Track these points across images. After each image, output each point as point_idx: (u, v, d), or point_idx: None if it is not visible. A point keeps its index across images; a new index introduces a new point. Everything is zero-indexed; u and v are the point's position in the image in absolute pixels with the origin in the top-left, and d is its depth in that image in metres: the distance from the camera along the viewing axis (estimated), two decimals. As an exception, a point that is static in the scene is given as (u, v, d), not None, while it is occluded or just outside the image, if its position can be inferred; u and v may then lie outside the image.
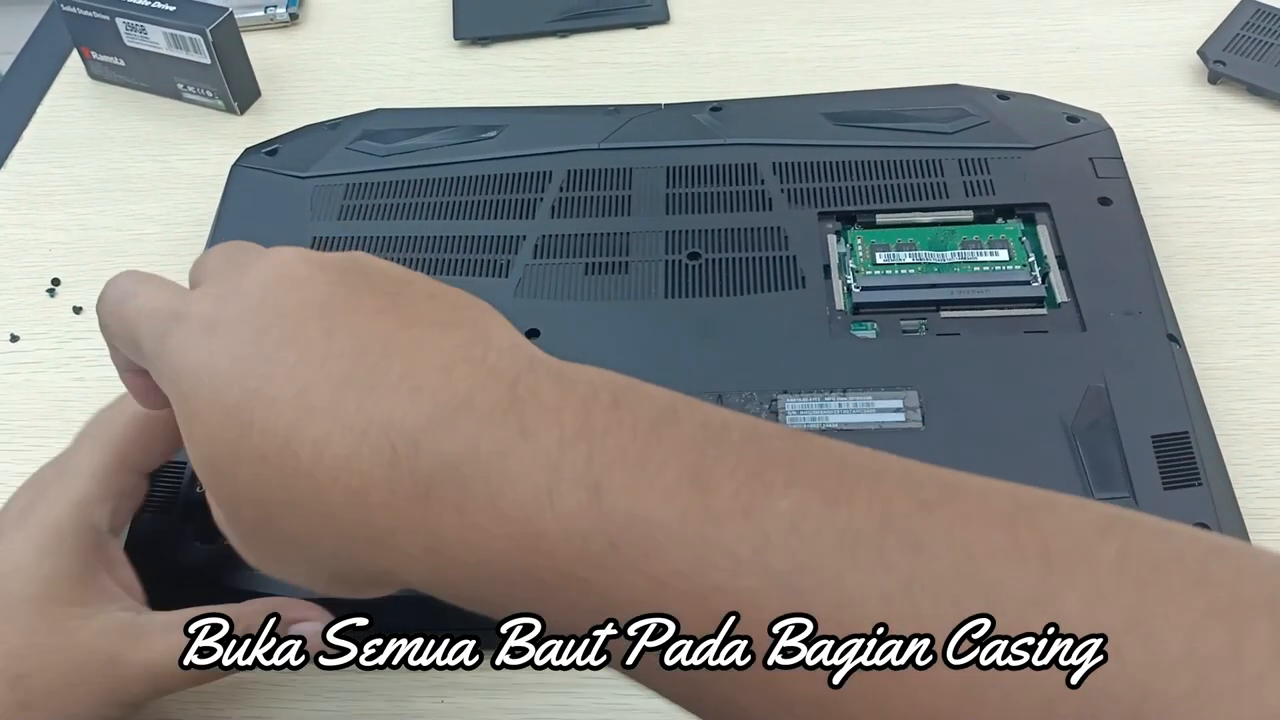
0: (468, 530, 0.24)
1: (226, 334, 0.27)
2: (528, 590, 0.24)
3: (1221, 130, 0.57)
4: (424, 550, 0.25)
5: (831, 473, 0.23)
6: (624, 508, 0.23)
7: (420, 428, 0.25)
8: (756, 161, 0.53)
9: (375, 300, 0.27)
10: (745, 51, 0.64)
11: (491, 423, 0.24)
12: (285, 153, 0.56)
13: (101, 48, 0.64)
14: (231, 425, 0.26)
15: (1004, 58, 0.62)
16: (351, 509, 0.25)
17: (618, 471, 0.23)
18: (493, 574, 0.24)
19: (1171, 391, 0.43)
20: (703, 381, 0.45)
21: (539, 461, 0.24)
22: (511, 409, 0.25)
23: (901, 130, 0.53)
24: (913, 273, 0.48)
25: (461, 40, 0.66)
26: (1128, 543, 0.22)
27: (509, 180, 0.53)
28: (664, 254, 0.50)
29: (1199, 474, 0.40)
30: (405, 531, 0.25)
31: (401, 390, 0.25)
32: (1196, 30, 0.61)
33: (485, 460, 0.24)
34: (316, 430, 0.25)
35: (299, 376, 0.26)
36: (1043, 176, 0.51)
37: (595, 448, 0.24)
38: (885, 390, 0.44)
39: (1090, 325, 0.45)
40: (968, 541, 0.22)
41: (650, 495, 0.23)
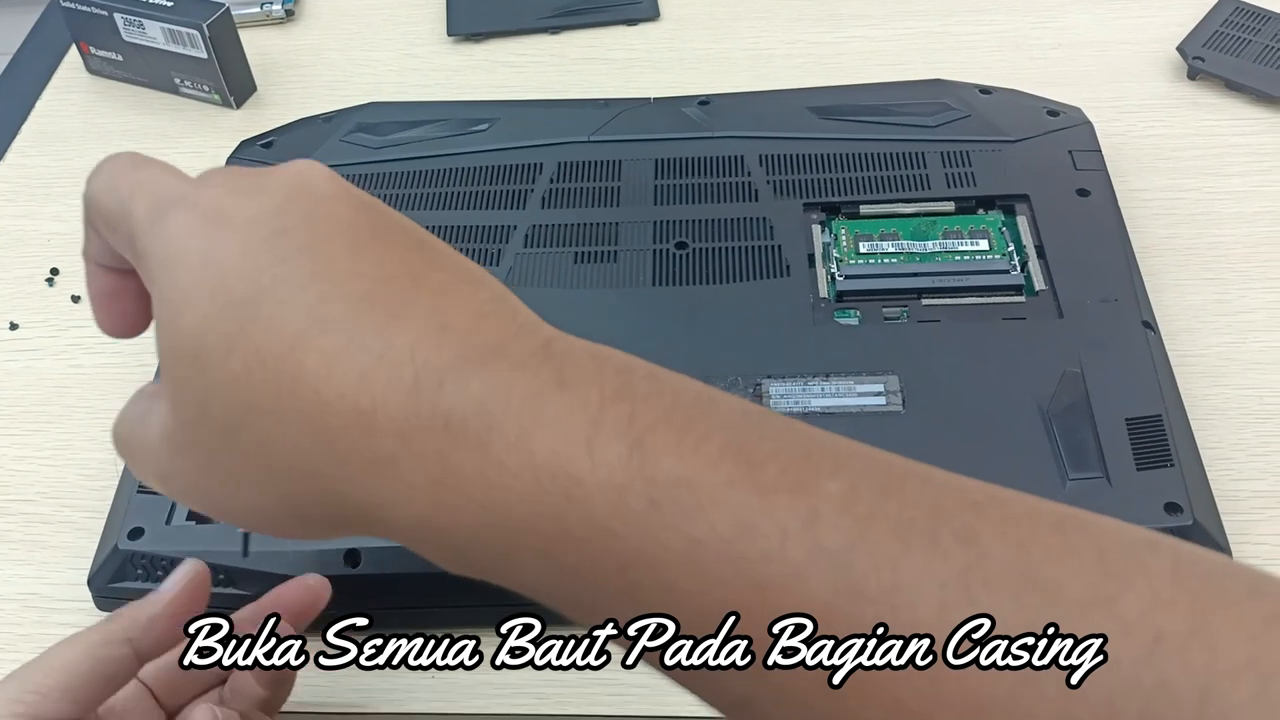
0: (490, 467, 0.23)
1: (241, 228, 0.25)
2: (541, 539, 0.23)
3: (1200, 125, 0.58)
4: (429, 481, 0.23)
5: (878, 467, 0.23)
6: (667, 467, 0.22)
7: (447, 362, 0.23)
8: (743, 154, 0.54)
9: (403, 238, 0.26)
10: (733, 48, 0.65)
11: (527, 370, 0.23)
12: (280, 145, 0.57)
13: (100, 43, 0.65)
14: (231, 319, 0.24)
15: (988, 54, 0.63)
16: (353, 429, 0.23)
17: (661, 433, 0.22)
18: (505, 517, 0.23)
19: (1145, 376, 0.44)
20: (689, 366, 0.45)
21: (578, 412, 0.23)
22: (548, 361, 0.24)
23: (885, 124, 0.55)
24: (895, 262, 0.49)
25: (455, 36, 0.67)
26: (1178, 554, 0.21)
27: (500, 172, 0.54)
28: (652, 243, 0.51)
29: (1171, 456, 0.41)
30: (412, 459, 0.23)
31: (430, 324, 0.24)
32: (1177, 28, 0.62)
33: (519, 402, 0.23)
34: (329, 342, 0.24)
35: (318, 285, 0.24)
36: (1023, 169, 0.52)
37: (637, 409, 0.23)
38: (867, 375, 0.45)
39: (1067, 312, 0.46)
40: (1022, 540, 0.21)
41: (695, 459, 0.22)
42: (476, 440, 0.23)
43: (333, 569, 0.41)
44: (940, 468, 0.24)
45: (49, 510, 0.47)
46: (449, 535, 0.24)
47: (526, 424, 0.23)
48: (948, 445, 0.42)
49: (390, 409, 0.23)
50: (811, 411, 0.44)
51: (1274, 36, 0.61)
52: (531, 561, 0.23)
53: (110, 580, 0.43)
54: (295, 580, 0.39)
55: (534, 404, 0.23)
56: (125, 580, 0.42)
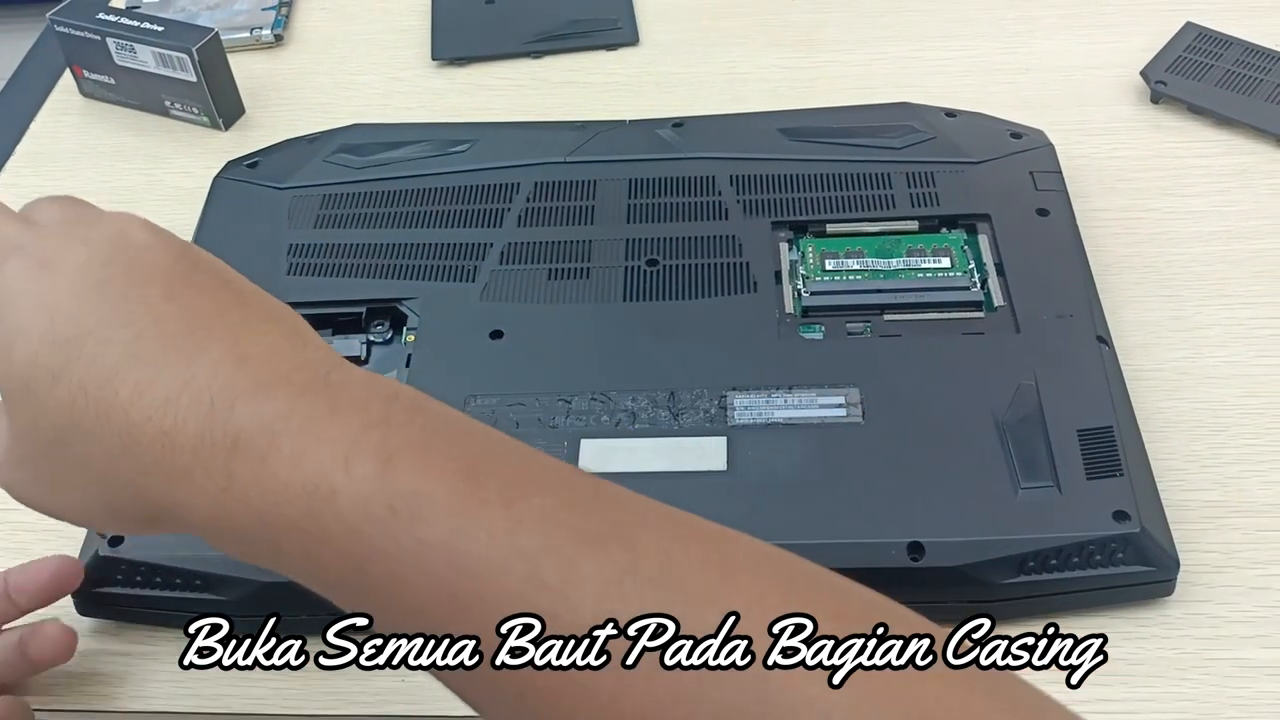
0: (266, 478, 0.27)
1: (70, 275, 0.30)
2: (305, 537, 0.27)
3: (1162, 147, 0.60)
4: (218, 489, 0.28)
5: (581, 489, 0.28)
6: (406, 482, 0.27)
7: (241, 390, 0.28)
8: (715, 174, 0.55)
9: (210, 280, 0.31)
10: (710, 72, 0.67)
11: (305, 398, 0.28)
12: (265, 165, 0.59)
13: (93, 66, 0.67)
14: (58, 355, 0.29)
15: (957, 78, 0.65)
16: (157, 446, 0.28)
17: (405, 455, 0.27)
18: (277, 517, 0.27)
19: (1098, 389, 0.45)
20: (656, 379, 0.47)
21: (343, 434, 0.27)
22: (324, 391, 0.28)
23: (853, 145, 0.56)
24: (859, 279, 0.51)
25: (439, 60, 0.69)
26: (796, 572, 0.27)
27: (478, 191, 0.56)
28: (624, 260, 0.52)
29: (1121, 466, 0.42)
30: (204, 471, 0.28)
31: (229, 357, 0.29)
32: (1141, 53, 0.64)
33: (296, 424, 0.28)
34: (141, 374, 0.29)
35: (135, 325, 0.29)
36: (985, 189, 0.53)
37: (391, 435, 0.28)
38: (829, 387, 0.46)
39: (1024, 327, 0.48)
40: (671, 550, 0.27)
41: (429, 476, 0.27)
42: (258, 455, 0.28)
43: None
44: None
45: (33, 518, 0.48)
46: (233, 533, 0.28)
47: (300, 444, 0.27)
48: (905, 455, 0.44)
49: (189, 429, 0.28)
50: (774, 422, 0.45)
51: (1235, 61, 0.62)
52: (298, 555, 0.28)
53: (93, 586, 0.44)
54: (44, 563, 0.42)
55: (308, 427, 0.28)
56: (107, 586, 0.44)
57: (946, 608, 0.41)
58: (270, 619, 0.42)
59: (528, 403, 0.47)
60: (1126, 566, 0.41)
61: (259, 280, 0.51)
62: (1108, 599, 0.42)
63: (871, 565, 0.41)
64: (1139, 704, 0.40)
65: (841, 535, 0.41)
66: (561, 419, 0.46)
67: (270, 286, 0.51)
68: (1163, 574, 0.41)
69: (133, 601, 0.44)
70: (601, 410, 0.46)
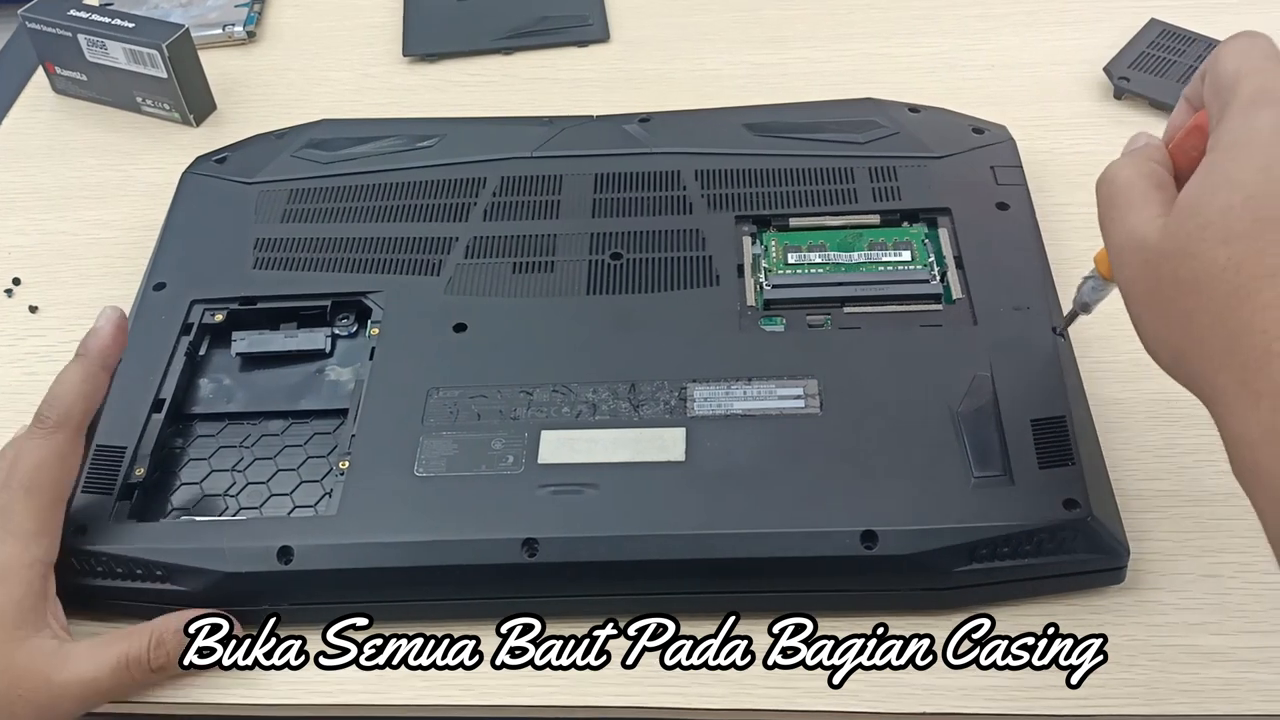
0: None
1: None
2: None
3: (1123, 142, 0.59)
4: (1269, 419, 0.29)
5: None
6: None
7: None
8: (680, 169, 0.56)
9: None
10: (680, 69, 0.68)
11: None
12: (234, 160, 0.59)
13: (65, 63, 0.67)
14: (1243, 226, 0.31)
15: (923, 75, 0.65)
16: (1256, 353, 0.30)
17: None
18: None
19: (1052, 380, 0.45)
20: (618, 371, 0.47)
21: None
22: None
23: (817, 140, 0.57)
24: (821, 272, 0.51)
25: (410, 57, 0.69)
26: None
27: (445, 186, 0.56)
28: (588, 254, 0.52)
29: (1072, 455, 0.43)
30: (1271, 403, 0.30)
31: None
32: (1104, 49, 0.64)
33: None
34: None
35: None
36: (946, 183, 0.54)
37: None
38: (788, 379, 0.47)
39: (981, 319, 0.48)
40: None
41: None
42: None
43: (266, 565, 0.43)
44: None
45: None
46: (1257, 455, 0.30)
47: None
48: (861, 445, 0.44)
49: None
50: (733, 413, 0.46)
51: (1198, 58, 0.63)
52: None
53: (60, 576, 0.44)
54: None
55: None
56: (71, 577, 0.44)
57: (899, 595, 0.42)
58: (271, 619, 0.43)
59: (489, 394, 0.47)
60: (1077, 554, 0.41)
61: (225, 274, 0.52)
62: (1059, 586, 0.42)
63: (825, 553, 0.41)
64: (1088, 690, 0.40)
65: (796, 524, 0.42)
66: (523, 410, 0.46)
67: (236, 280, 0.52)
68: (1113, 561, 0.42)
69: (99, 593, 0.44)
70: (562, 402, 0.46)
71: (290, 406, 0.49)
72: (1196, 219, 0.32)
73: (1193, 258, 0.32)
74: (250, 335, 0.51)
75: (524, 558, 0.42)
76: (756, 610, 0.43)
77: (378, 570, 0.43)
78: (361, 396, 0.47)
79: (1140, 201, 0.35)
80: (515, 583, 0.43)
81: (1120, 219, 0.36)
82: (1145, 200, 0.35)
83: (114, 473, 0.46)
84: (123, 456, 0.46)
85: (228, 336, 0.51)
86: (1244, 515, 0.42)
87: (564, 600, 0.43)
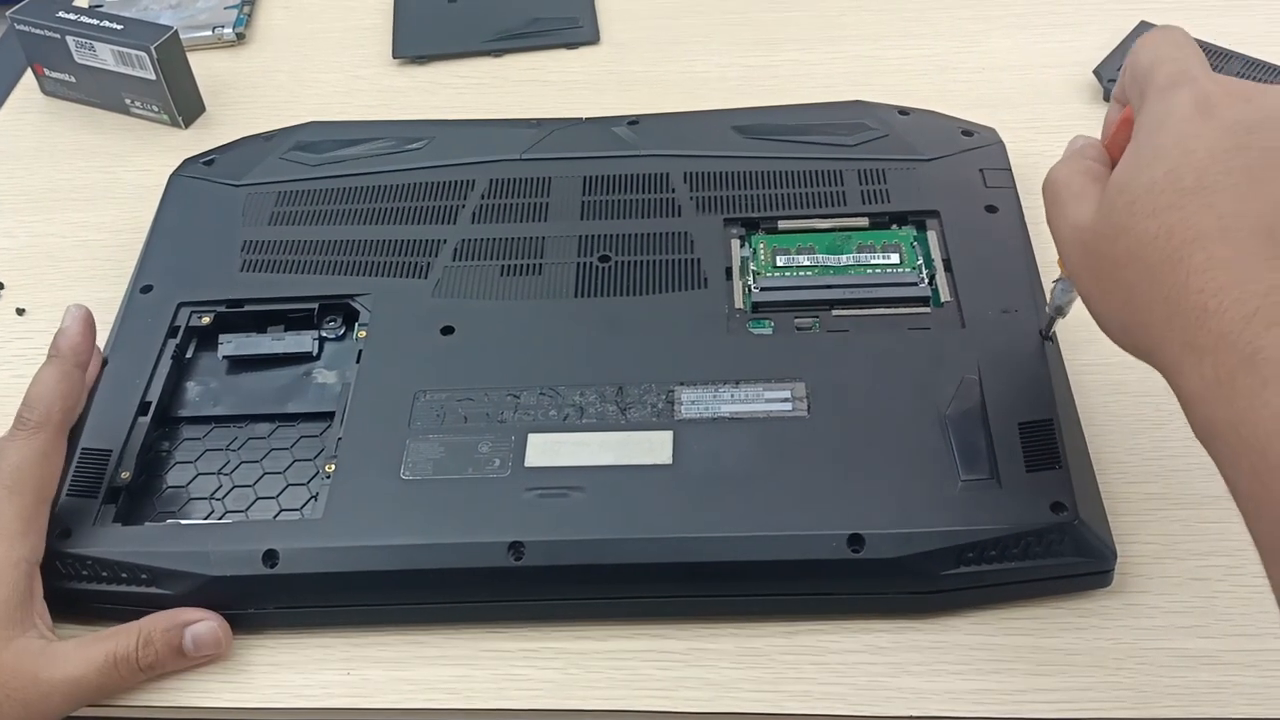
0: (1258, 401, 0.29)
1: (1216, 128, 0.33)
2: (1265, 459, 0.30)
3: (1113, 145, 0.60)
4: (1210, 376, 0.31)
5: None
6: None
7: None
8: (669, 171, 0.56)
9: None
10: (670, 71, 0.67)
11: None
12: (221, 163, 0.59)
13: (53, 65, 0.67)
14: (1168, 195, 0.33)
15: (914, 77, 0.65)
16: (1190, 311, 0.31)
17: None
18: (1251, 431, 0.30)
19: (1040, 383, 0.45)
20: (606, 374, 0.47)
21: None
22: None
23: (806, 143, 0.57)
24: (810, 274, 0.51)
25: (400, 59, 0.69)
26: None
27: (433, 188, 0.56)
28: (576, 257, 0.52)
29: (1060, 458, 0.43)
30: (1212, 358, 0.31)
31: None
32: (1094, 52, 0.64)
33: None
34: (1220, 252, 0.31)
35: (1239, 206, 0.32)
36: (935, 186, 0.54)
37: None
38: (776, 382, 0.46)
39: (969, 323, 0.48)
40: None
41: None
42: (1261, 379, 0.29)
43: (252, 568, 0.42)
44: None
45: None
46: (1198, 414, 0.32)
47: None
48: (849, 448, 0.44)
49: (1222, 319, 0.30)
50: (720, 417, 0.45)
51: (1187, 61, 0.63)
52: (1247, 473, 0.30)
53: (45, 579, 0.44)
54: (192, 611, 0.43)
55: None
56: (56, 580, 0.43)
57: (886, 599, 0.42)
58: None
59: (476, 397, 0.47)
60: (1064, 557, 0.41)
61: (212, 276, 0.52)
62: (1046, 590, 0.42)
63: (812, 557, 0.41)
64: (1076, 694, 0.40)
65: (783, 528, 0.42)
66: (510, 414, 0.46)
67: (224, 283, 0.52)
68: (1100, 564, 0.42)
69: (84, 597, 0.44)
70: (550, 405, 0.46)
71: (277, 410, 0.49)
72: (1125, 196, 0.34)
73: (1126, 233, 0.34)
74: (237, 338, 0.51)
75: (510, 561, 0.42)
76: (743, 614, 0.43)
77: (363, 574, 0.43)
78: (348, 399, 0.47)
79: (1079, 194, 0.37)
80: (501, 586, 0.42)
81: (1061, 214, 0.38)
82: (1083, 192, 0.37)
83: (99, 476, 0.46)
84: (108, 459, 0.46)
85: (215, 339, 0.51)
86: (1231, 519, 0.41)
87: (550, 604, 0.43)
